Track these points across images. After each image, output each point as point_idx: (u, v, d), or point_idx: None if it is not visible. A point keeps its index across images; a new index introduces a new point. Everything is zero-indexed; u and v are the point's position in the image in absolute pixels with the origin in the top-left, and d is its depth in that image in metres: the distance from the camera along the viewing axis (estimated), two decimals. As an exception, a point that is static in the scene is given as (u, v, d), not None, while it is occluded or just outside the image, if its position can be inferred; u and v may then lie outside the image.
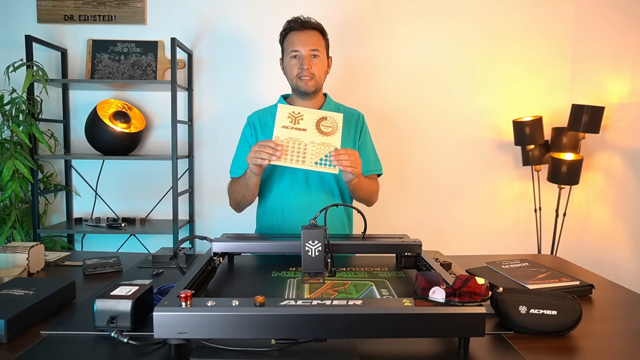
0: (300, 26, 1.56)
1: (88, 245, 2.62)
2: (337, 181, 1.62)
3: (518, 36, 2.58)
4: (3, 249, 1.25)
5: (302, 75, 1.54)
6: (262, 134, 1.63)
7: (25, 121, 2.21)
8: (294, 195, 1.58)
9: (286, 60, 1.58)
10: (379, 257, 1.44)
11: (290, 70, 1.57)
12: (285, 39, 1.59)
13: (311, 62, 1.54)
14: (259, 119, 1.67)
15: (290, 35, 1.57)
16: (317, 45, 1.55)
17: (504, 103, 2.61)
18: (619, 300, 1.17)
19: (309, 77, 1.54)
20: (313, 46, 1.54)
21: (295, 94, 1.62)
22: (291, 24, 1.57)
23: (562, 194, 2.46)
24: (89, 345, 0.84)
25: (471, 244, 2.61)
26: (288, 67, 1.58)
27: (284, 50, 1.60)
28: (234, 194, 1.62)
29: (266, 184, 1.62)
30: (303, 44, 1.54)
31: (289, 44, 1.57)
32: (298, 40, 1.55)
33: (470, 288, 0.88)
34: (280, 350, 0.80)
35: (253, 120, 1.67)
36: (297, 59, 1.55)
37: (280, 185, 1.59)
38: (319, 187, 1.59)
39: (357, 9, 2.53)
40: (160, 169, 2.58)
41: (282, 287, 1.14)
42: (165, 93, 2.52)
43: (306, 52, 1.54)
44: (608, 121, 2.38)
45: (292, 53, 1.55)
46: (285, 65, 1.60)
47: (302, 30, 1.56)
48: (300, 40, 1.54)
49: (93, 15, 2.49)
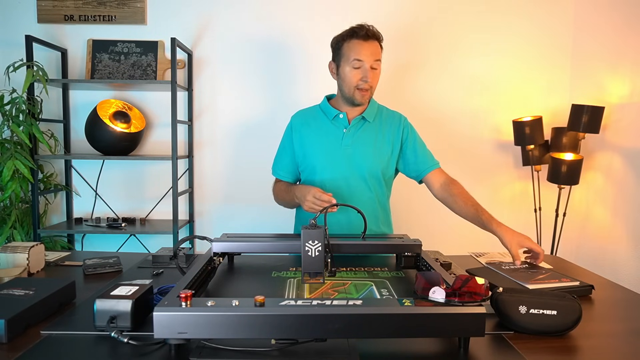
0: (365, 35, 1.50)
1: (88, 245, 2.62)
2: (384, 178, 1.62)
3: (518, 36, 2.58)
4: (3, 249, 1.25)
5: (361, 87, 1.52)
6: (302, 135, 1.64)
7: (25, 121, 2.22)
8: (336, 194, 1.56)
9: (345, 67, 1.53)
10: (379, 257, 1.44)
11: (349, 79, 1.53)
12: (346, 46, 1.53)
13: (372, 74, 1.52)
14: (300, 120, 1.67)
15: (353, 43, 1.52)
16: (378, 56, 1.53)
17: (504, 103, 2.61)
18: (618, 300, 1.17)
19: (366, 90, 1.53)
20: (376, 57, 1.52)
21: (344, 100, 1.60)
22: (356, 31, 1.52)
23: (562, 194, 2.46)
24: (89, 345, 0.84)
25: (471, 244, 2.60)
26: (347, 75, 1.53)
27: (343, 56, 1.54)
28: (279, 199, 1.68)
29: (307, 181, 1.64)
30: (368, 55, 1.50)
31: (351, 52, 1.52)
32: (363, 50, 1.50)
33: (470, 288, 0.88)
34: (280, 350, 0.80)
35: (295, 121, 1.68)
36: (360, 69, 1.51)
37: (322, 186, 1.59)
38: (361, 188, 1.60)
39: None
40: (160, 169, 2.58)
41: (282, 287, 1.14)
42: (165, 93, 2.52)
43: (369, 64, 1.51)
44: (608, 121, 2.38)
45: (355, 63, 1.51)
46: (342, 72, 1.55)
47: (366, 40, 1.51)
48: (365, 51, 1.50)
49: (93, 15, 2.49)
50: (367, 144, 1.59)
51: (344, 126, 1.60)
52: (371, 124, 1.61)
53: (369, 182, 1.60)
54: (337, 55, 1.58)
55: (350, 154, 1.58)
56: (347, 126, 1.60)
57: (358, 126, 1.60)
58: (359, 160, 1.58)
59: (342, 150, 1.58)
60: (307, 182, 1.63)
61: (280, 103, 2.52)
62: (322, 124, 1.63)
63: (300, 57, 2.52)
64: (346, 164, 1.58)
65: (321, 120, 1.63)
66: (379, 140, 1.60)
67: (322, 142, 1.60)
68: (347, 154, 1.58)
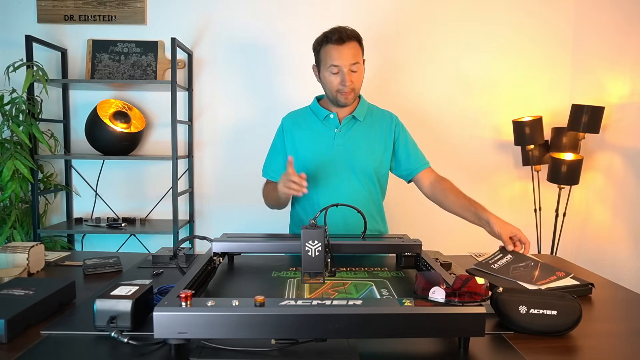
0: (338, 39, 1.48)
1: (88, 245, 2.62)
2: (377, 177, 1.62)
3: (518, 36, 2.58)
4: (3, 249, 1.25)
5: (342, 90, 1.52)
6: (294, 136, 1.63)
7: (25, 121, 2.21)
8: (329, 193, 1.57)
9: (324, 73, 1.53)
10: (379, 257, 1.44)
11: (330, 84, 1.53)
12: (323, 51, 1.52)
13: (351, 76, 1.51)
14: (291, 121, 1.66)
15: (328, 49, 1.50)
16: (357, 57, 1.51)
17: (504, 103, 2.61)
18: (619, 300, 1.17)
19: (349, 92, 1.53)
20: (353, 60, 1.50)
21: (331, 102, 1.60)
22: (328, 37, 1.50)
23: (562, 194, 2.46)
24: (89, 345, 0.84)
25: (471, 244, 2.60)
26: (327, 81, 1.53)
27: (321, 62, 1.54)
28: (268, 198, 1.65)
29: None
30: (343, 59, 1.48)
31: (327, 58, 1.51)
32: (338, 55, 1.49)
33: (470, 288, 0.88)
34: (280, 350, 0.80)
35: (286, 123, 1.67)
36: (337, 74, 1.51)
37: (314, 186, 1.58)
38: (354, 187, 1.59)
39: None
40: (160, 169, 2.58)
41: (282, 287, 1.14)
42: (165, 93, 2.52)
43: (347, 68, 1.49)
44: (608, 121, 2.38)
45: (332, 68, 1.50)
46: (323, 77, 1.55)
47: (340, 44, 1.48)
48: (341, 55, 1.48)
49: (93, 15, 2.49)
50: (359, 143, 1.59)
51: (335, 126, 1.60)
52: (362, 123, 1.61)
53: (362, 181, 1.60)
54: (317, 60, 1.57)
55: (342, 153, 1.58)
56: (338, 126, 1.60)
57: (349, 126, 1.60)
58: (351, 159, 1.58)
59: (334, 149, 1.58)
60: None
61: (280, 103, 2.52)
62: (313, 124, 1.63)
63: (300, 57, 2.52)
64: (338, 163, 1.58)
65: (312, 121, 1.63)
66: (371, 139, 1.61)
67: (313, 142, 1.60)
68: (339, 154, 1.58)
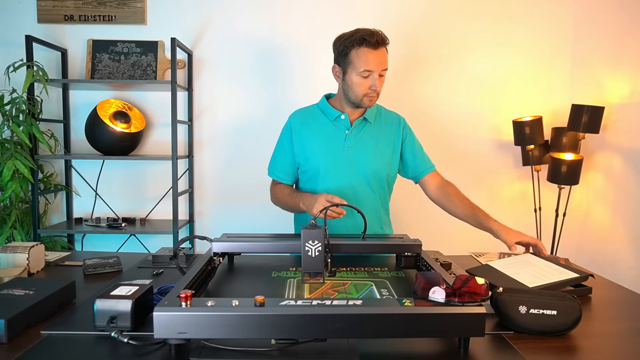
0: (376, 43, 1.45)
1: (88, 245, 2.62)
2: (387, 181, 1.62)
3: (518, 36, 2.58)
4: (3, 249, 1.25)
5: (370, 95, 1.51)
6: (302, 136, 1.61)
7: (25, 121, 2.21)
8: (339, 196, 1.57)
9: (352, 76, 1.49)
10: (379, 257, 1.44)
11: (357, 87, 1.50)
12: (355, 53, 1.47)
13: (380, 81, 1.50)
14: (300, 120, 1.63)
15: (363, 52, 1.46)
16: (387, 64, 1.51)
17: (504, 103, 2.61)
18: (619, 300, 1.17)
19: (375, 95, 1.52)
20: (385, 65, 1.49)
21: (347, 102, 1.57)
22: (366, 39, 1.45)
23: (562, 194, 2.46)
24: (89, 345, 0.84)
25: (471, 244, 2.60)
26: (355, 83, 1.50)
27: (351, 63, 1.49)
28: (280, 202, 1.63)
29: (308, 184, 1.62)
30: (377, 64, 1.47)
31: (360, 61, 1.47)
32: (374, 59, 1.46)
33: (470, 288, 0.88)
34: (280, 350, 0.80)
35: (294, 121, 1.64)
36: (368, 79, 1.48)
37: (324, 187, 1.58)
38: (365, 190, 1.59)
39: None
40: (160, 169, 2.58)
41: (282, 287, 1.14)
42: (165, 93, 2.52)
43: (378, 73, 1.48)
44: (608, 121, 2.38)
45: (364, 73, 1.47)
46: (349, 79, 1.51)
47: (376, 48, 1.46)
48: (375, 60, 1.46)
49: (93, 15, 2.49)
50: (369, 145, 1.58)
51: (346, 127, 1.59)
52: (372, 124, 1.60)
53: (372, 184, 1.59)
54: (343, 61, 1.51)
55: (353, 155, 1.57)
56: (349, 127, 1.58)
57: (360, 127, 1.59)
58: (361, 161, 1.57)
59: (345, 152, 1.57)
60: (309, 186, 1.62)
61: (280, 103, 2.52)
62: (323, 125, 1.61)
63: (300, 57, 2.52)
64: (349, 166, 1.57)
65: (322, 121, 1.61)
66: (380, 141, 1.60)
67: (324, 144, 1.58)
68: (349, 156, 1.57)
